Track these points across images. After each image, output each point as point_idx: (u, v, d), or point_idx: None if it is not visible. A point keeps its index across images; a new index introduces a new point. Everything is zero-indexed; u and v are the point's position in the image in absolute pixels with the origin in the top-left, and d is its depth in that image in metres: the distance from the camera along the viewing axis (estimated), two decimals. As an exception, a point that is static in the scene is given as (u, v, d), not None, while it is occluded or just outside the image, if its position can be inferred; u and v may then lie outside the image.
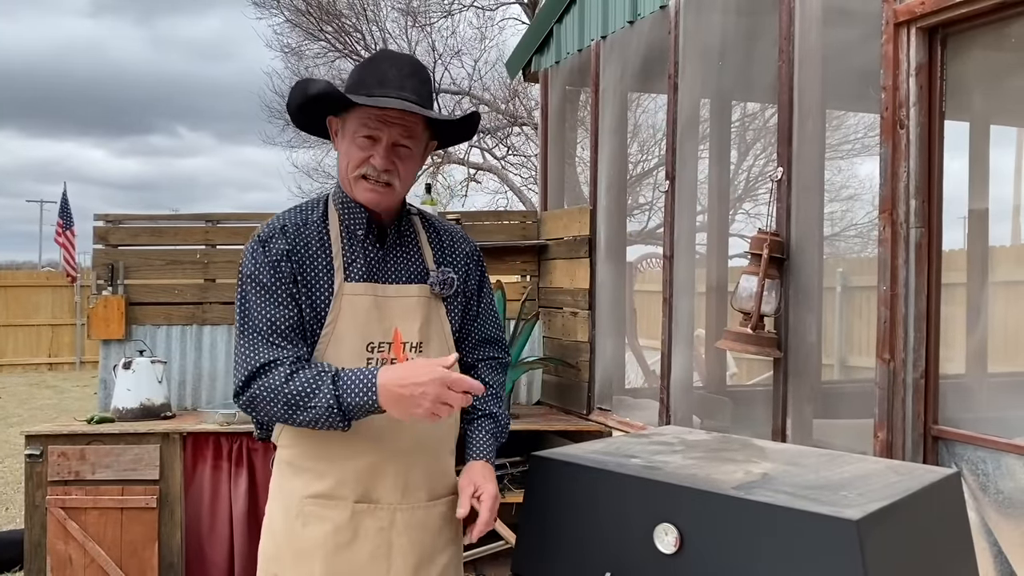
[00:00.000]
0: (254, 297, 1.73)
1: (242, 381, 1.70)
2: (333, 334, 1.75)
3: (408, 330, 1.80)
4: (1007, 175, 4.55)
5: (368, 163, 1.73)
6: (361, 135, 1.73)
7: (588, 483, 1.67)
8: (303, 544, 1.76)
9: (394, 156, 1.74)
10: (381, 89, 1.71)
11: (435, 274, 1.85)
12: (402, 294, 1.81)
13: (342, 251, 1.78)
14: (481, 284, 1.98)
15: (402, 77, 1.73)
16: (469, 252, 1.95)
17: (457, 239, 1.95)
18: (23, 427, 4.60)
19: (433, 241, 1.91)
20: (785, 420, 3.01)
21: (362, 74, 1.76)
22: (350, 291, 1.76)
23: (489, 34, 18.30)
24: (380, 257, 1.81)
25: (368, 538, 1.76)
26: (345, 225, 1.80)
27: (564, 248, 4.59)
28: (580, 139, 5.37)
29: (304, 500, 1.77)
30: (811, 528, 1.38)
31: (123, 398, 4.08)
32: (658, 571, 1.52)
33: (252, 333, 1.71)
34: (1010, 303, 4.72)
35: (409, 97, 1.72)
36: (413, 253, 1.86)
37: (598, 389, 4.27)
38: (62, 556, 3.76)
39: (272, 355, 1.69)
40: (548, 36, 4.96)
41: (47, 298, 14.73)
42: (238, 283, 1.78)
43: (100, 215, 4.64)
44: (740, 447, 1.90)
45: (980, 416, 2.57)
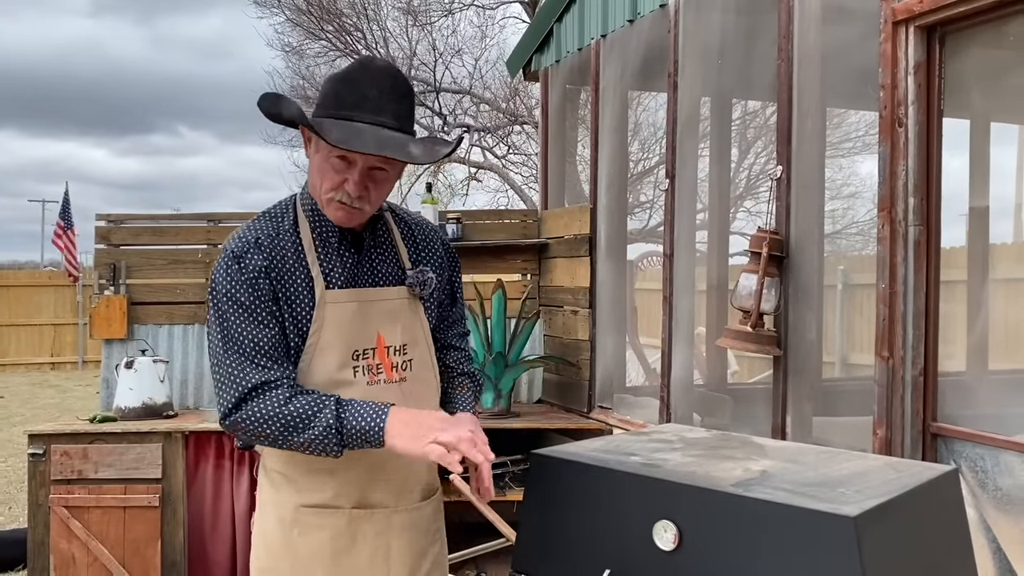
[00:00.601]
0: (234, 317, 1.65)
1: (232, 403, 1.64)
2: (318, 345, 1.70)
3: (390, 333, 1.77)
4: (1008, 173, 4.55)
5: (342, 188, 1.66)
6: (335, 156, 1.64)
7: (588, 481, 1.68)
8: (301, 553, 1.74)
9: (368, 180, 1.67)
10: (359, 112, 1.62)
11: (413, 274, 1.82)
12: (383, 297, 1.77)
13: (318, 259, 1.73)
14: (454, 284, 1.95)
15: (381, 96, 1.63)
16: (444, 244, 1.93)
17: (430, 235, 1.91)
18: (26, 426, 4.62)
19: (407, 238, 1.87)
20: (785, 418, 3.02)
21: (339, 89, 1.66)
22: (332, 299, 1.72)
23: (490, 33, 18.27)
24: (356, 261, 1.77)
25: (367, 542, 1.76)
26: (318, 232, 1.75)
27: (565, 247, 4.60)
28: (580, 137, 5.38)
29: (300, 509, 1.75)
30: (809, 525, 1.38)
31: (125, 397, 4.09)
32: (657, 568, 1.53)
33: (236, 354, 1.64)
34: (1010, 301, 4.72)
35: (387, 122, 1.63)
36: (389, 254, 1.82)
37: (599, 387, 4.28)
38: (65, 555, 3.78)
39: (263, 376, 1.63)
40: (548, 35, 4.96)
41: (49, 298, 14.76)
42: (210, 301, 1.69)
43: (102, 215, 4.66)
44: (739, 445, 1.91)
45: (979, 413, 2.57)
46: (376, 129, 1.61)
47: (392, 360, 1.77)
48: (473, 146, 14.39)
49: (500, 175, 14.84)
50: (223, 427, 1.69)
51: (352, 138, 1.58)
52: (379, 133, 1.61)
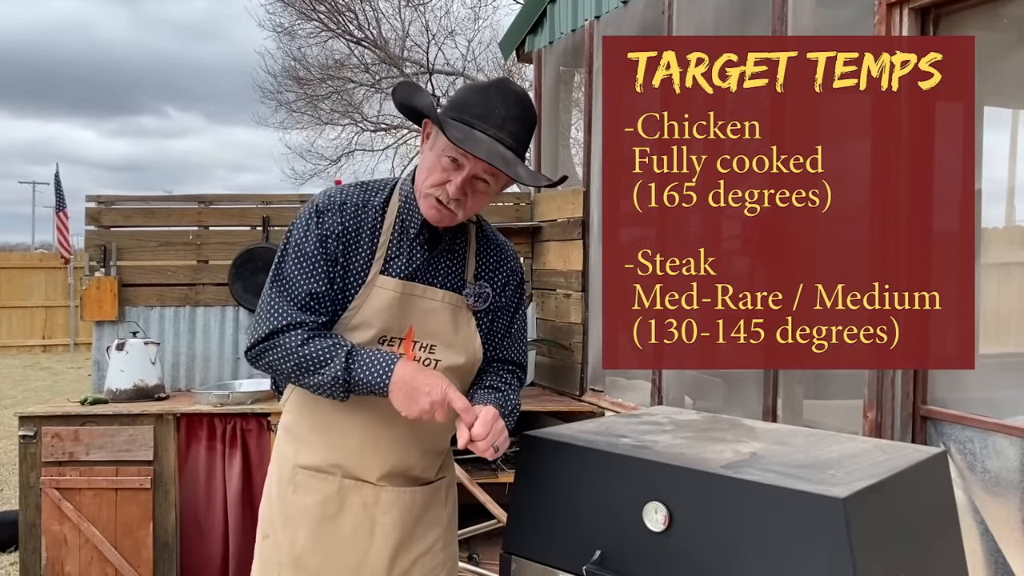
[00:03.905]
0: (292, 262, 1.76)
1: (260, 336, 1.75)
2: (352, 320, 1.78)
3: (422, 330, 1.81)
4: (1001, 157, 4.55)
5: (443, 187, 1.72)
6: (448, 155, 1.72)
7: (579, 462, 1.69)
8: (292, 511, 1.83)
9: (469, 188, 1.73)
10: (482, 123, 1.70)
11: (471, 287, 1.86)
12: (428, 296, 1.82)
13: (389, 243, 1.79)
14: (517, 305, 1.96)
15: (507, 117, 1.71)
16: (512, 269, 1.95)
17: (505, 255, 1.95)
18: (17, 408, 4.60)
19: (481, 253, 1.91)
20: (776, 400, 3.03)
21: (472, 98, 1.75)
22: (381, 284, 1.78)
23: (483, 14, 18.19)
24: (425, 260, 1.82)
25: (352, 512, 1.81)
26: (401, 219, 1.81)
27: (558, 230, 4.60)
28: (574, 120, 5.36)
29: (296, 468, 1.84)
30: (798, 506, 1.39)
31: (117, 379, 4.08)
32: (648, 548, 1.54)
33: (280, 294, 1.75)
34: (1002, 285, 4.73)
35: (505, 140, 1.70)
36: (457, 263, 1.87)
37: (591, 370, 4.29)
38: (57, 536, 3.78)
39: (296, 318, 1.73)
40: (542, 16, 4.93)
41: (40, 280, 14.68)
42: (283, 240, 1.81)
43: (92, 196, 4.63)
44: (729, 427, 1.92)
45: (969, 396, 2.58)
46: (493, 142, 1.69)
47: (416, 354, 1.81)
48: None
49: (493, 158, 14.76)
50: (247, 358, 1.81)
51: (469, 140, 1.67)
52: (495, 146, 1.69)
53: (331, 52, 15.33)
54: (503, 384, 1.90)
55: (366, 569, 1.81)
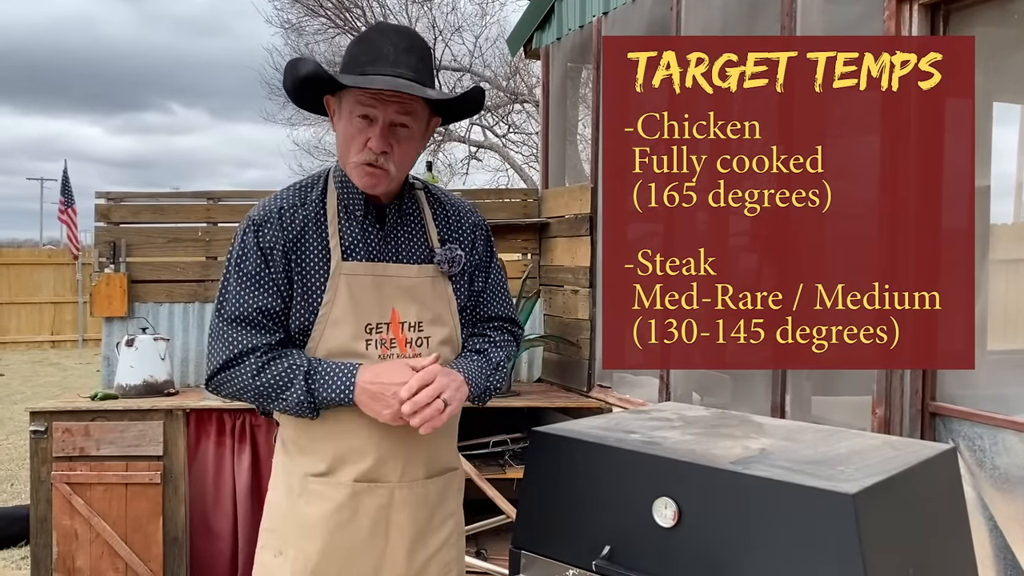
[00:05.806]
0: (235, 283, 1.72)
1: (215, 368, 1.72)
2: (330, 315, 1.73)
3: (406, 310, 1.77)
4: (1010, 153, 4.53)
5: (367, 148, 1.68)
6: (357, 114, 1.68)
7: (588, 458, 1.69)
8: (306, 521, 1.77)
9: (391, 137, 1.69)
10: (374, 66, 1.65)
11: (441, 252, 1.82)
12: (401, 274, 1.78)
13: (339, 231, 1.75)
14: (489, 260, 1.94)
15: (397, 52, 1.67)
16: (475, 224, 1.91)
17: (464, 212, 1.91)
18: (26, 404, 4.64)
19: (439, 217, 1.87)
20: (784, 396, 3.03)
21: (355, 50, 1.71)
22: (348, 270, 1.73)
23: (490, 10, 18.14)
24: (380, 238, 1.78)
25: (368, 515, 1.77)
26: (344, 204, 1.77)
27: (565, 226, 4.60)
28: (581, 116, 5.35)
29: (306, 479, 1.78)
30: (808, 502, 1.39)
31: (126, 375, 4.10)
32: (657, 544, 1.54)
33: (228, 321, 1.71)
34: (1010, 281, 4.72)
35: (404, 74, 1.66)
36: (417, 232, 1.83)
37: (598, 366, 4.29)
38: (68, 531, 3.80)
39: (247, 343, 1.70)
40: (549, 12, 4.92)
41: (49, 276, 14.73)
42: (225, 264, 1.77)
43: (101, 193, 4.65)
44: (738, 423, 1.92)
45: (978, 393, 2.58)
46: (393, 79, 1.64)
47: (406, 336, 1.78)
48: (473, 125, 14.33)
49: (500, 154, 14.79)
50: (208, 390, 1.78)
51: (366, 81, 1.63)
52: (395, 81, 1.64)
53: (338, 48, 15.34)
54: (487, 344, 1.90)
55: (384, 570, 1.78)
